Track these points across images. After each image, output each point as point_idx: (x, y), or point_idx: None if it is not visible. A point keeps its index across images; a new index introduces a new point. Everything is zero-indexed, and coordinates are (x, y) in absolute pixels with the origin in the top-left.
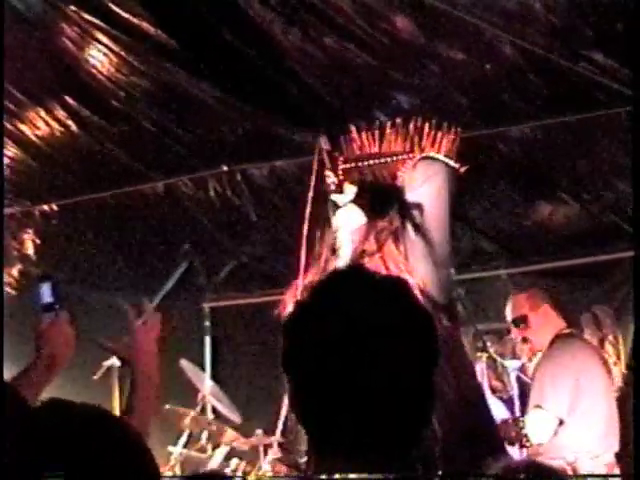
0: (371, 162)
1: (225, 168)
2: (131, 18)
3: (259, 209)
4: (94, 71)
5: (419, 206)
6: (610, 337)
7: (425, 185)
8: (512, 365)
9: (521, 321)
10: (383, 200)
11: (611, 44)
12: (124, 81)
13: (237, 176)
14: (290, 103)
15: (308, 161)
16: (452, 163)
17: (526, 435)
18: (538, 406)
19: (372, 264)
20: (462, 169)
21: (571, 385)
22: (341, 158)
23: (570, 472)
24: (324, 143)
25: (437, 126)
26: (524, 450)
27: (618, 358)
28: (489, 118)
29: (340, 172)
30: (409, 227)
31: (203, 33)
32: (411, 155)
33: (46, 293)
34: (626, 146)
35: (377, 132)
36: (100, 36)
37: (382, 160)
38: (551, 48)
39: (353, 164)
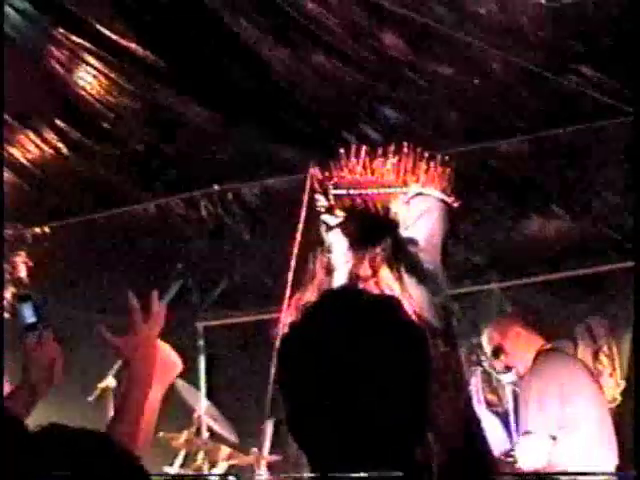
0: (362, 191)
1: (216, 187)
2: (119, 39)
3: (251, 228)
4: (83, 93)
5: (412, 241)
6: (605, 348)
7: (419, 222)
8: (507, 379)
9: (498, 351)
10: (373, 230)
11: (599, 57)
12: (114, 102)
13: (228, 195)
14: (279, 121)
15: (299, 179)
16: (447, 198)
17: (520, 468)
18: (526, 432)
19: (366, 289)
20: (456, 204)
21: (557, 400)
22: (332, 183)
23: None
24: (314, 169)
25: (430, 157)
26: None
27: (613, 369)
28: (478, 133)
29: (331, 197)
30: (401, 259)
31: (191, 53)
32: (404, 189)
33: (27, 313)
34: (616, 158)
35: (368, 159)
36: (89, 58)
37: (375, 191)
38: (539, 62)
39: (344, 191)
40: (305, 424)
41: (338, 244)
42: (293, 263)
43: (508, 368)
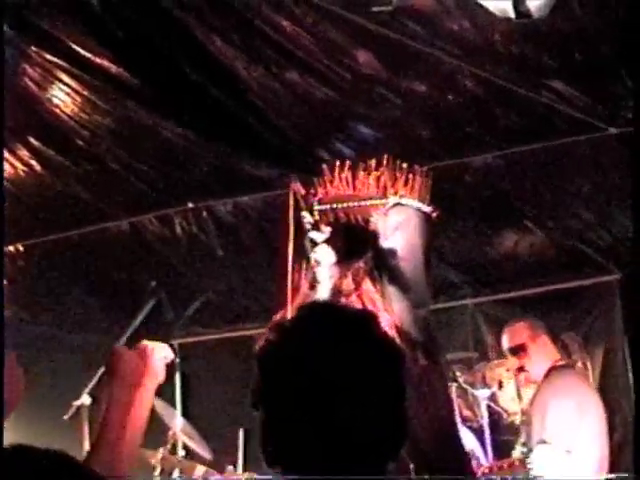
0: (345, 205)
1: (190, 205)
2: (93, 57)
3: (225, 245)
4: (57, 111)
5: (392, 252)
6: (579, 364)
7: (397, 232)
8: (482, 394)
9: (520, 349)
10: (356, 243)
11: (571, 73)
12: (87, 120)
13: (203, 212)
14: (254, 139)
15: (273, 196)
16: (425, 208)
17: (535, 477)
18: (542, 441)
19: (349, 303)
20: (435, 213)
21: (574, 416)
22: (316, 199)
23: None
24: (296, 185)
25: (409, 168)
26: None
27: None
28: (452, 149)
29: (316, 213)
30: (383, 270)
31: (166, 71)
32: (384, 201)
33: None
34: (589, 173)
35: (350, 174)
36: (62, 76)
37: (356, 203)
38: (511, 78)
39: (328, 206)
40: (279, 438)
41: (323, 259)
42: (282, 278)
43: (521, 369)
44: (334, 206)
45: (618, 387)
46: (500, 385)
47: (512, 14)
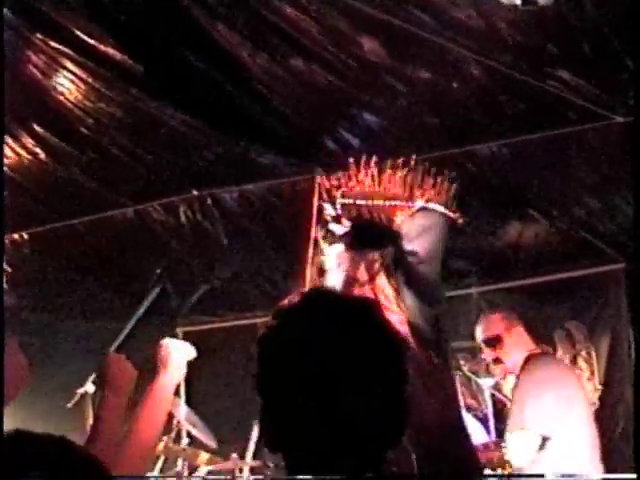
0: (369, 202)
1: (195, 193)
2: (98, 45)
3: (230, 233)
4: (62, 98)
5: (414, 254)
6: (583, 353)
7: (421, 236)
8: (486, 383)
9: (495, 341)
10: (374, 237)
11: (577, 61)
12: (92, 108)
13: (207, 200)
14: (258, 127)
15: (278, 184)
16: (451, 214)
17: (508, 461)
18: (519, 428)
19: (362, 293)
20: (460, 220)
21: (552, 404)
22: (340, 192)
23: None
24: (320, 177)
25: (438, 173)
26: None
27: (592, 374)
28: (457, 137)
29: (338, 206)
30: (400, 268)
31: (170, 58)
32: (410, 203)
33: None
34: (594, 162)
35: (376, 170)
36: (67, 63)
37: (380, 202)
38: (517, 66)
39: (351, 200)
40: (281, 425)
41: (336, 250)
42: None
43: (497, 360)
44: (358, 202)
45: (622, 377)
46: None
47: (518, 2)
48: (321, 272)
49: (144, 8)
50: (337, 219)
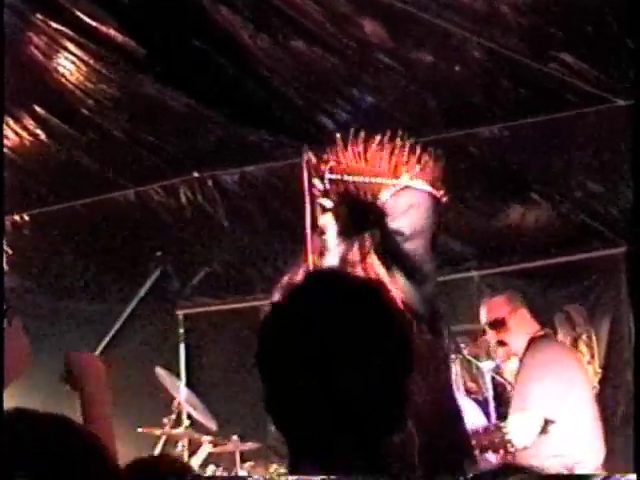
0: (355, 178)
1: (196, 175)
2: (99, 26)
3: (230, 215)
4: (63, 80)
5: (399, 232)
6: (584, 336)
7: (406, 214)
8: (487, 366)
9: (499, 324)
10: (361, 217)
11: (580, 45)
12: (93, 89)
13: (208, 182)
14: (259, 108)
15: (279, 166)
16: (435, 192)
17: (510, 440)
18: (521, 409)
19: (354, 273)
20: (445, 198)
21: (556, 385)
22: (327, 167)
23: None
24: (308, 154)
25: (422, 149)
26: (508, 456)
27: (592, 357)
28: (459, 120)
29: (326, 181)
30: (388, 247)
31: (172, 40)
32: (394, 181)
33: None
34: (596, 146)
35: (362, 147)
36: (68, 44)
37: (366, 179)
38: (520, 49)
39: (339, 176)
40: (282, 404)
41: (331, 227)
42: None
43: (501, 343)
44: (345, 177)
45: (623, 360)
46: (505, 360)
47: None
48: (321, 253)
49: None
50: (326, 193)
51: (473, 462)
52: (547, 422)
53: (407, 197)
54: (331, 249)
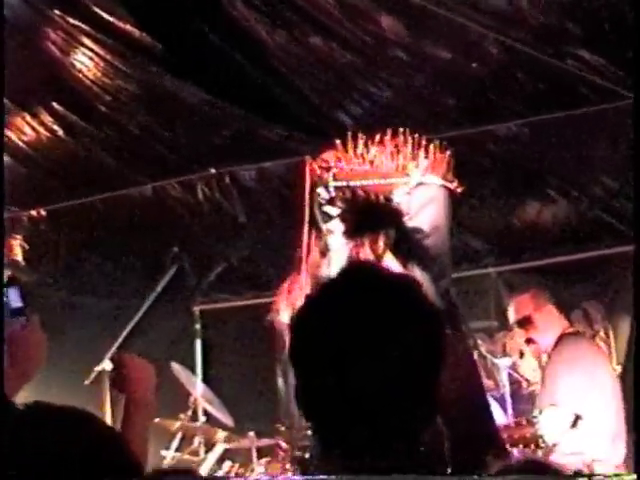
0: (363, 182)
1: (213, 171)
2: (116, 22)
3: (248, 211)
4: (80, 75)
5: (417, 229)
6: (601, 333)
7: (422, 211)
8: (503, 363)
9: (526, 322)
10: (374, 217)
11: (597, 41)
12: (110, 85)
13: (225, 178)
14: (277, 104)
15: (295, 162)
16: (450, 185)
17: (542, 436)
18: (551, 404)
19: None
20: (459, 189)
21: (584, 382)
22: (331, 174)
23: (586, 472)
24: (309, 161)
25: (429, 143)
26: (539, 451)
27: (609, 354)
28: (476, 116)
29: (332, 189)
30: (405, 245)
31: (188, 35)
32: (405, 179)
33: (14, 297)
34: (613, 142)
35: (365, 149)
36: (85, 40)
37: (375, 181)
38: (537, 46)
39: (344, 182)
40: (314, 396)
41: (337, 232)
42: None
43: (530, 341)
44: (350, 183)
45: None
46: (521, 354)
47: None
48: (323, 253)
49: None
50: (331, 201)
51: (503, 455)
52: (577, 418)
53: (422, 194)
54: (336, 250)
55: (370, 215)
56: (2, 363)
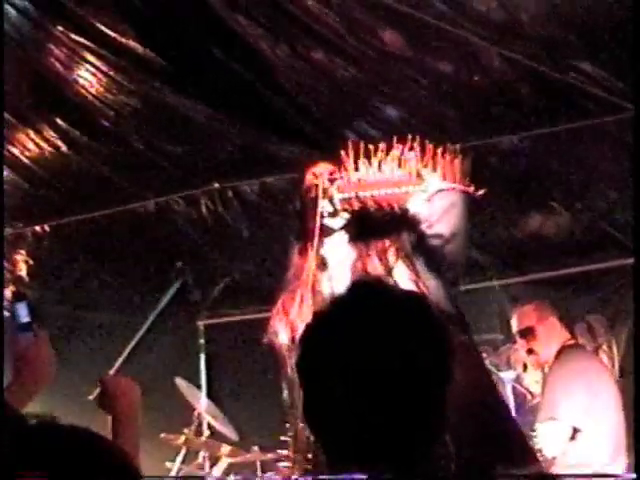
0: (374, 193)
1: (216, 185)
2: (119, 37)
3: (251, 225)
4: (83, 91)
5: (437, 236)
6: (604, 346)
7: (444, 217)
8: (507, 376)
9: (528, 332)
10: (384, 228)
11: (599, 54)
12: (113, 100)
13: (228, 193)
14: (279, 119)
15: (298, 177)
16: (469, 189)
17: (540, 450)
18: (551, 418)
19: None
20: (479, 193)
21: (584, 395)
22: (335, 187)
23: None
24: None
25: (443, 148)
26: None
27: (612, 367)
28: (478, 129)
29: (336, 202)
30: (421, 253)
31: (191, 50)
32: (423, 187)
33: (22, 313)
34: (616, 154)
35: (376, 159)
36: (88, 56)
37: (388, 191)
38: (539, 59)
39: (352, 194)
40: (320, 411)
41: (340, 246)
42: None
43: (531, 352)
44: (360, 194)
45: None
46: (525, 367)
47: None
48: (321, 267)
49: (166, 1)
50: (334, 214)
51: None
52: (575, 431)
53: (442, 200)
54: (336, 265)
55: (377, 223)
56: (2, 371)
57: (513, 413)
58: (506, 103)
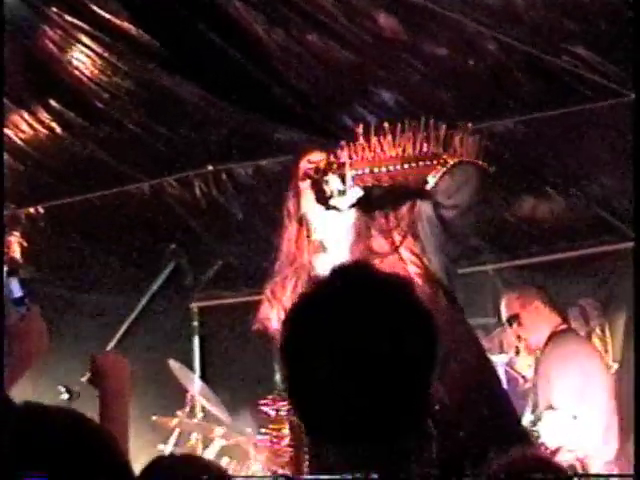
0: (390, 168)
1: (210, 168)
2: (113, 19)
3: (245, 208)
4: (77, 73)
5: (455, 206)
6: (597, 330)
7: (462, 189)
8: (500, 360)
9: (514, 320)
10: (396, 201)
11: (594, 38)
12: (107, 82)
13: (222, 176)
14: (274, 102)
15: (293, 159)
16: (484, 165)
17: (543, 443)
18: (550, 407)
19: (387, 264)
20: (492, 168)
21: (578, 378)
22: (347, 164)
23: (579, 468)
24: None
25: (451, 124)
26: None
27: (605, 351)
28: (473, 114)
29: (349, 178)
30: (431, 225)
31: (186, 33)
32: (440, 160)
33: (15, 288)
34: (610, 139)
35: (390, 136)
36: (83, 38)
37: (405, 165)
38: (534, 43)
39: (366, 169)
40: (305, 393)
41: (338, 223)
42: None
43: (519, 338)
44: (374, 170)
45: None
46: (517, 351)
47: None
48: (323, 249)
49: None
50: (343, 192)
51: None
52: (573, 417)
53: (459, 174)
54: (334, 244)
55: (392, 199)
56: (2, 359)
57: None
58: (501, 87)
